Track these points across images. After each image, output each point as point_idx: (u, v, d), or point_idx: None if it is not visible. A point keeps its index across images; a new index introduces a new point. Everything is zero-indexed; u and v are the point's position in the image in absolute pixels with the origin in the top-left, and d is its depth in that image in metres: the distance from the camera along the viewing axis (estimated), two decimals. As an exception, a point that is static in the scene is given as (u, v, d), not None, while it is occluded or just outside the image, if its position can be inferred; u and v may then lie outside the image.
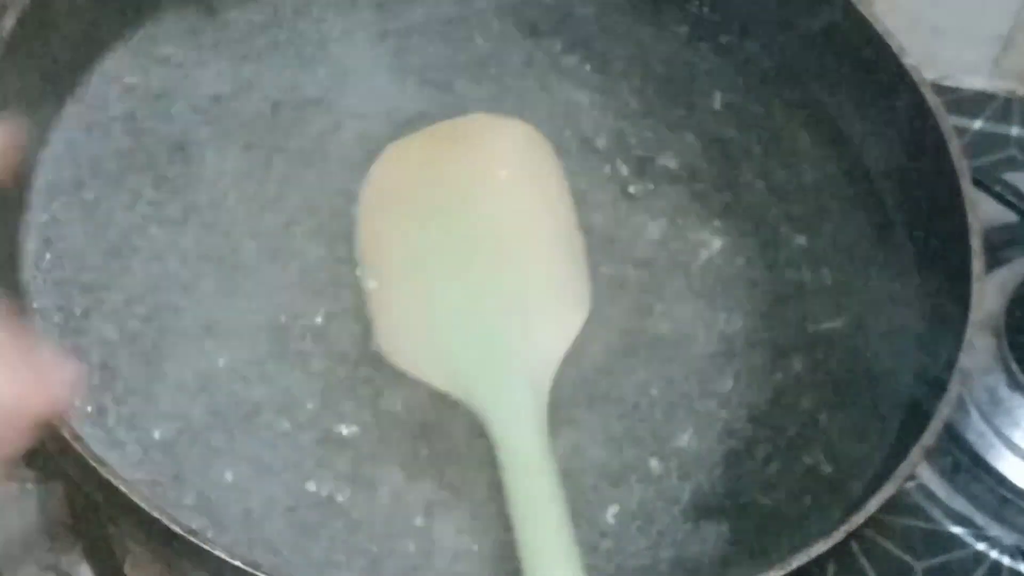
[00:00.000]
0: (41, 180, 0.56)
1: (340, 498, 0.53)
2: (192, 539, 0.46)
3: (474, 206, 0.57)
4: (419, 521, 0.52)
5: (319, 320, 0.57)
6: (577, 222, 0.60)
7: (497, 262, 0.55)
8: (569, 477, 0.53)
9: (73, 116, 0.58)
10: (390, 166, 0.58)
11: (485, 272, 0.54)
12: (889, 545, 0.64)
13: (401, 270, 0.55)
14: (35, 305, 0.54)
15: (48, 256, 0.55)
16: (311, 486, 0.53)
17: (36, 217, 0.55)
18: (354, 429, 0.55)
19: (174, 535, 0.46)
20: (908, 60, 0.59)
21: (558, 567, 0.46)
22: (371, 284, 0.55)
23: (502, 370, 0.51)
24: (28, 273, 0.54)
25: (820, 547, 0.49)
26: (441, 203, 0.56)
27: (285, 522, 0.53)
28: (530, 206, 0.59)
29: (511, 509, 0.48)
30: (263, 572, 0.46)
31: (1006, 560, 0.65)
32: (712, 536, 0.55)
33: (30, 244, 0.55)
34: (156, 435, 0.53)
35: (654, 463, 0.57)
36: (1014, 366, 0.66)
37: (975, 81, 0.81)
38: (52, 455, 0.52)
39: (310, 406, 0.55)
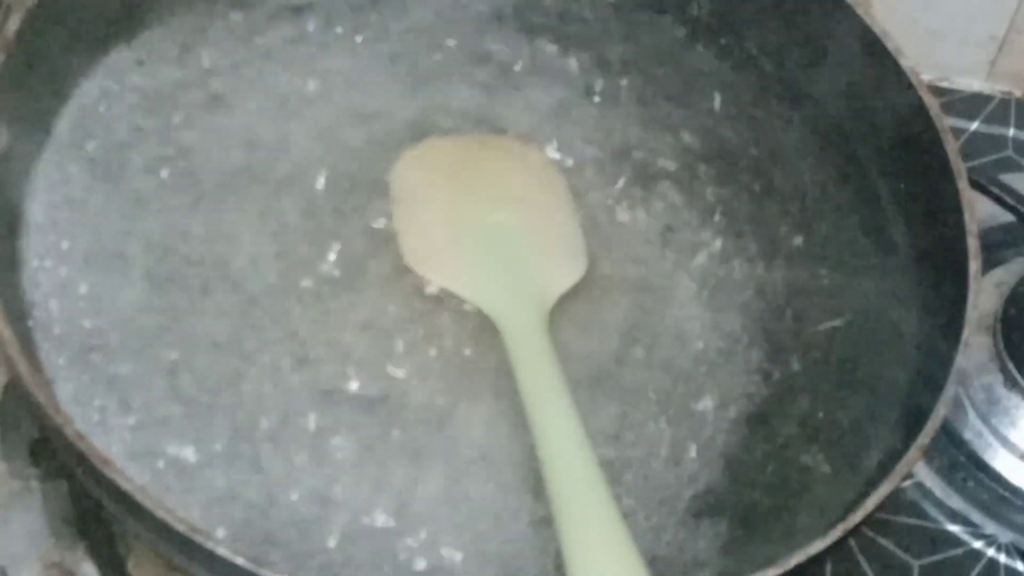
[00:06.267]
0: (41, 180, 0.56)
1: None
2: (195, 538, 0.46)
3: (498, 177, 0.63)
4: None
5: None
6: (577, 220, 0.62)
7: (515, 213, 0.61)
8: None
9: (75, 116, 0.58)
10: (425, 149, 0.63)
11: (505, 216, 0.61)
12: (887, 543, 0.65)
13: (431, 205, 0.61)
14: (35, 307, 0.54)
15: (49, 257, 0.55)
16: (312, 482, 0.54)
17: (36, 218, 0.55)
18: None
19: (177, 534, 0.46)
20: (905, 61, 0.60)
21: (561, 427, 0.53)
22: (400, 215, 0.60)
23: (513, 285, 0.59)
24: (28, 274, 0.54)
25: (818, 546, 0.49)
26: (469, 172, 0.62)
27: (291, 518, 0.53)
28: (544, 190, 0.63)
29: (521, 392, 0.55)
30: (266, 571, 0.46)
31: (1003, 558, 0.65)
32: (710, 535, 0.55)
33: (30, 245, 0.55)
34: (159, 435, 0.53)
35: (652, 462, 0.57)
36: (1010, 365, 0.66)
37: (972, 83, 0.81)
38: (56, 453, 0.52)
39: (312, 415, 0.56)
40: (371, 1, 0.64)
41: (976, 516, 0.66)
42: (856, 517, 0.50)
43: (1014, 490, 0.66)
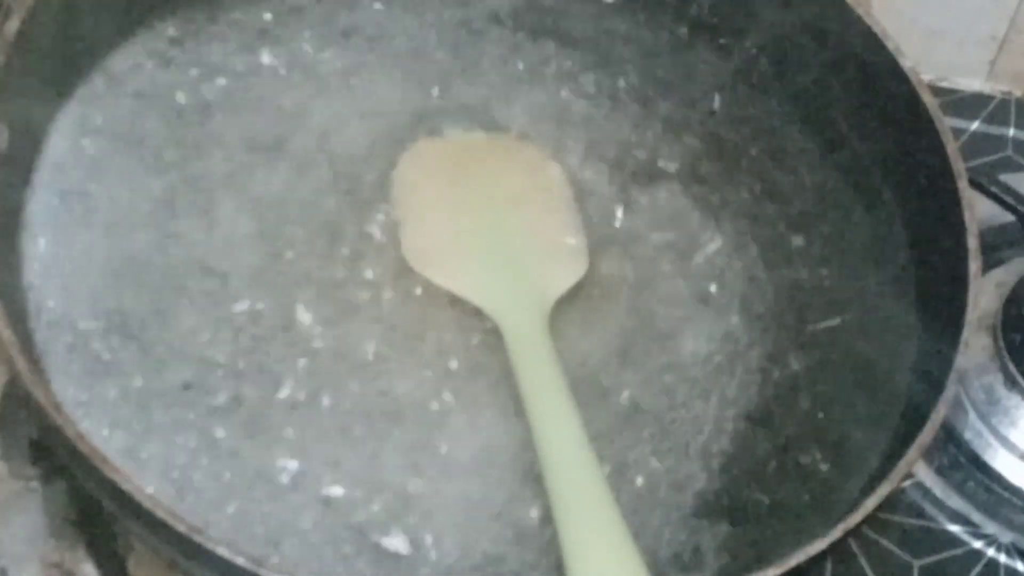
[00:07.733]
0: (42, 179, 0.56)
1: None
2: (195, 538, 0.46)
3: (499, 177, 0.63)
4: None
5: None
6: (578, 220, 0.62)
7: (515, 213, 0.62)
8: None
9: (76, 115, 0.58)
10: (425, 149, 0.63)
11: (505, 216, 0.61)
12: (887, 543, 0.65)
13: (431, 206, 0.61)
14: (35, 306, 0.54)
15: (49, 257, 0.55)
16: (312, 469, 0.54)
17: (36, 217, 0.55)
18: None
19: (177, 534, 0.46)
20: (905, 62, 0.60)
21: (562, 427, 0.53)
22: (401, 215, 0.60)
23: (514, 285, 0.59)
24: (28, 274, 0.54)
25: (818, 545, 0.49)
26: (470, 172, 0.63)
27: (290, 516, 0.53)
28: (544, 190, 0.63)
29: (521, 392, 0.55)
30: (266, 570, 0.46)
31: (1003, 558, 0.65)
32: (711, 535, 0.55)
33: (30, 244, 0.55)
34: (161, 435, 0.54)
35: (653, 462, 0.57)
36: (1010, 365, 0.66)
37: (972, 83, 0.81)
38: (56, 453, 0.52)
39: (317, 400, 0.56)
40: (372, 1, 0.64)
41: (976, 516, 0.66)
42: (856, 517, 0.50)
43: (1014, 490, 0.66)
